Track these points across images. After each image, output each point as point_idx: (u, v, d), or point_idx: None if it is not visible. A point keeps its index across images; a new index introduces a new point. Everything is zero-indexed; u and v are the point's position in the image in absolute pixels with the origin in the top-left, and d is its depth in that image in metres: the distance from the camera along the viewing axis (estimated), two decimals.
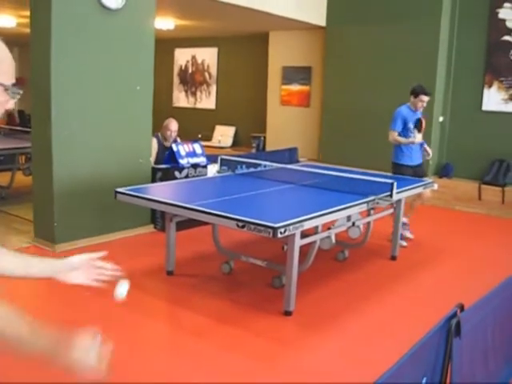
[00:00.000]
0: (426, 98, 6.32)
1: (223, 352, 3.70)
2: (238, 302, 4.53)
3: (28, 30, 5.71)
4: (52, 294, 4.50)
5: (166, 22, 10.31)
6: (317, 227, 4.53)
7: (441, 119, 9.33)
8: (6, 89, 1.69)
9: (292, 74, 11.21)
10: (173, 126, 6.87)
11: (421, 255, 6.06)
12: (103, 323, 3.83)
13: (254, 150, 11.45)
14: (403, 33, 9.18)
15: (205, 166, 6.84)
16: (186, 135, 8.60)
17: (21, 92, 1.73)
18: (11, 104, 1.71)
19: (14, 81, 1.74)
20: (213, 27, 11.23)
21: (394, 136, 6.26)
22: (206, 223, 5.00)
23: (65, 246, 5.55)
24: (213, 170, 6.60)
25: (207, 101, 13.36)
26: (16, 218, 6.83)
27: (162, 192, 5.08)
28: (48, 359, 1.63)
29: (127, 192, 4.62)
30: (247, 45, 12.43)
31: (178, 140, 7.03)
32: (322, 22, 10.05)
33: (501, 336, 3.01)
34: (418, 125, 6.25)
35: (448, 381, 2.37)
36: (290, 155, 8.72)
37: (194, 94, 13.63)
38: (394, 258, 5.82)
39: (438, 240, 6.67)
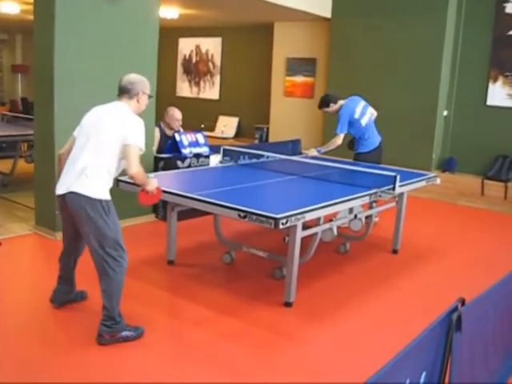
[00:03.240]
0: None
1: (223, 342, 3.70)
2: (239, 293, 4.52)
3: (32, 17, 5.68)
4: None
5: (170, 11, 10.26)
6: (319, 219, 4.53)
7: (445, 113, 9.29)
8: (150, 96, 3.73)
9: (296, 66, 11.17)
10: (178, 114, 6.84)
11: (422, 249, 6.05)
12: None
13: (256, 141, 11.42)
14: (409, 26, 9.14)
15: (207, 156, 6.83)
16: (189, 125, 8.59)
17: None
18: None
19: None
20: (217, 17, 11.18)
21: None
22: (207, 213, 4.99)
23: None
24: (215, 160, 6.58)
25: (211, 91, 13.32)
26: (17, 205, 6.83)
27: (164, 181, 5.06)
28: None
29: (129, 181, 4.61)
30: (252, 35, 12.38)
31: (181, 130, 7.02)
32: (328, 14, 10.00)
33: (501, 331, 3.01)
34: None
35: (447, 375, 2.37)
36: (293, 147, 8.70)
37: (197, 83, 13.59)
38: (395, 251, 5.81)
39: (439, 234, 6.66)
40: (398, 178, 4.91)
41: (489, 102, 8.96)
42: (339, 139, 6.46)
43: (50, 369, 3.27)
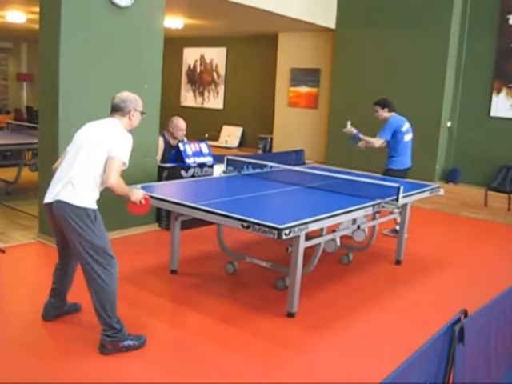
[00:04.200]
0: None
1: (225, 352, 3.70)
2: (242, 303, 4.52)
3: (37, 26, 5.72)
4: None
5: (175, 21, 10.31)
6: (322, 229, 4.53)
7: (449, 124, 9.30)
8: (142, 113, 3.85)
9: (300, 76, 11.20)
10: (182, 124, 6.85)
11: (426, 260, 6.04)
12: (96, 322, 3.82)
13: (260, 151, 11.44)
14: (413, 37, 9.16)
15: (211, 166, 6.84)
16: (193, 135, 8.61)
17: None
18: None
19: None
20: (222, 27, 11.23)
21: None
22: (210, 223, 4.99)
23: None
24: (219, 170, 6.60)
25: (215, 101, 13.36)
26: (21, 213, 6.85)
27: (167, 191, 5.08)
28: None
29: (137, 186, 4.61)
30: (256, 45, 12.43)
31: (185, 139, 7.03)
32: (332, 25, 10.04)
33: (504, 343, 3.00)
34: None
35: None
36: (297, 157, 8.71)
37: (201, 93, 13.63)
38: (398, 262, 5.80)
39: (443, 245, 6.65)
40: (402, 188, 4.91)
41: (492, 113, 8.97)
42: (378, 142, 6.59)
43: (50, 378, 3.26)
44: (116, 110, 3.71)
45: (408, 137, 6.70)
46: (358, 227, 5.26)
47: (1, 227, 6.14)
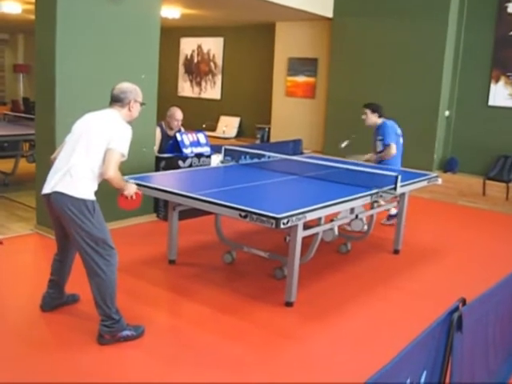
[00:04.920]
0: (362, 110, 6.57)
1: (223, 342, 3.70)
2: (240, 292, 4.52)
3: (33, 17, 5.68)
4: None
5: (171, 11, 10.26)
6: (320, 219, 4.53)
7: (447, 114, 9.28)
8: (142, 104, 3.82)
9: (298, 66, 11.16)
10: (179, 115, 6.84)
11: (424, 249, 6.05)
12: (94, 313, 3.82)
13: (258, 141, 11.42)
14: (410, 27, 9.13)
15: (208, 156, 6.83)
16: (190, 125, 8.60)
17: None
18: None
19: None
20: (219, 17, 11.18)
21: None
22: (208, 213, 4.99)
23: None
24: (216, 160, 6.59)
25: (212, 91, 13.32)
26: (19, 204, 6.84)
27: (165, 181, 5.07)
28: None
29: (130, 180, 4.61)
30: (253, 35, 12.38)
31: (182, 129, 7.02)
32: (329, 14, 9.99)
33: (502, 331, 3.00)
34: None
35: (448, 374, 2.37)
36: (295, 147, 8.70)
37: (199, 83, 13.59)
38: (396, 251, 5.80)
39: (441, 234, 6.65)
40: (400, 178, 4.90)
41: (490, 103, 8.95)
42: (393, 149, 6.37)
43: (48, 369, 3.27)
44: (115, 100, 3.69)
45: (401, 140, 6.64)
46: (356, 217, 5.25)
47: None
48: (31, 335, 3.65)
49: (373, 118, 6.51)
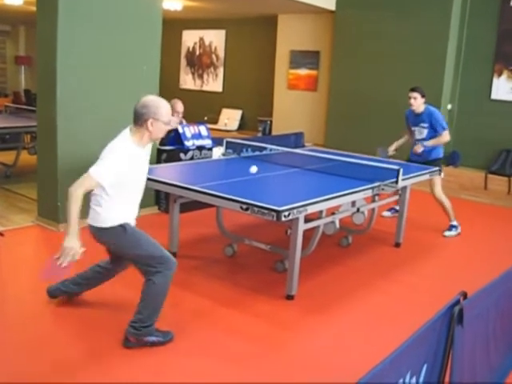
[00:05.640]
0: (410, 94, 6.25)
1: (223, 334, 3.70)
2: (240, 285, 4.52)
3: (35, 9, 5.66)
4: None
5: (173, 3, 10.23)
6: (321, 212, 4.52)
7: (449, 107, 9.26)
8: (166, 124, 3.43)
9: (300, 58, 11.13)
10: (179, 107, 6.83)
11: (425, 243, 6.04)
12: (105, 305, 3.85)
13: (259, 134, 11.40)
14: (413, 19, 9.09)
15: (210, 149, 6.82)
16: (192, 117, 8.58)
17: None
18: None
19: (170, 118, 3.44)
20: (221, 9, 11.15)
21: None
22: (209, 205, 4.98)
23: None
24: (218, 152, 6.58)
25: (214, 83, 13.30)
26: (20, 196, 6.84)
27: (166, 173, 5.06)
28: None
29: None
30: (255, 28, 12.34)
31: (184, 122, 7.00)
32: (332, 6, 9.96)
33: (502, 326, 3.00)
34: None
35: (449, 368, 2.37)
36: (296, 140, 8.69)
37: (200, 76, 13.56)
38: (397, 244, 5.80)
39: (442, 228, 6.64)
40: (401, 171, 4.89)
41: (493, 96, 8.92)
42: (448, 135, 6.27)
43: (47, 368, 3.27)
44: (134, 117, 3.36)
45: None
46: (358, 210, 5.24)
47: (0, 210, 6.13)
48: (30, 327, 3.65)
49: (419, 101, 6.23)
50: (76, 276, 3.85)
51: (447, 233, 6.41)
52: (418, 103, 6.22)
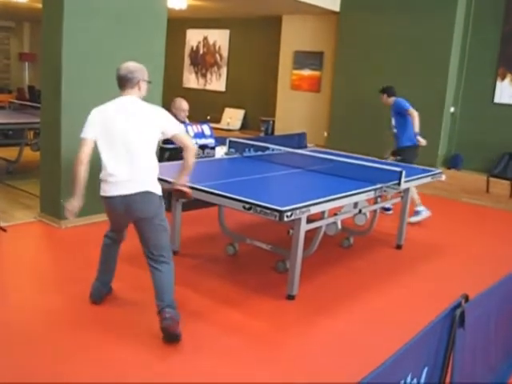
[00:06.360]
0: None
1: (223, 333, 3.71)
2: (241, 285, 4.53)
3: (40, 6, 5.67)
4: (66, 271, 4.51)
5: (178, 2, 10.22)
6: (323, 212, 4.52)
7: (452, 110, 9.26)
8: (149, 82, 3.70)
9: (303, 59, 11.14)
10: (185, 105, 6.82)
11: (426, 245, 6.05)
12: (106, 301, 3.86)
13: (262, 134, 11.41)
14: (417, 22, 9.10)
15: (213, 148, 6.82)
16: (195, 116, 8.57)
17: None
18: None
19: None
20: (225, 9, 11.16)
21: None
22: (211, 205, 4.99)
23: (71, 222, 5.53)
24: (221, 151, 6.58)
25: (217, 83, 13.31)
26: (23, 192, 6.84)
27: (169, 172, 5.06)
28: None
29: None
30: (259, 28, 12.35)
31: (187, 121, 7.00)
32: (336, 7, 9.97)
33: (503, 329, 3.01)
34: None
35: (449, 371, 2.37)
36: (299, 140, 8.68)
37: (204, 75, 13.57)
38: (399, 246, 5.80)
39: (443, 231, 6.64)
40: (404, 173, 4.89)
41: (496, 100, 8.93)
42: (414, 111, 6.66)
43: (47, 366, 3.28)
44: (125, 81, 3.66)
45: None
46: (360, 211, 5.25)
47: (2, 206, 6.14)
48: (31, 323, 3.66)
49: (387, 99, 6.93)
50: (98, 271, 3.93)
51: (413, 219, 6.65)
52: (383, 100, 6.99)
